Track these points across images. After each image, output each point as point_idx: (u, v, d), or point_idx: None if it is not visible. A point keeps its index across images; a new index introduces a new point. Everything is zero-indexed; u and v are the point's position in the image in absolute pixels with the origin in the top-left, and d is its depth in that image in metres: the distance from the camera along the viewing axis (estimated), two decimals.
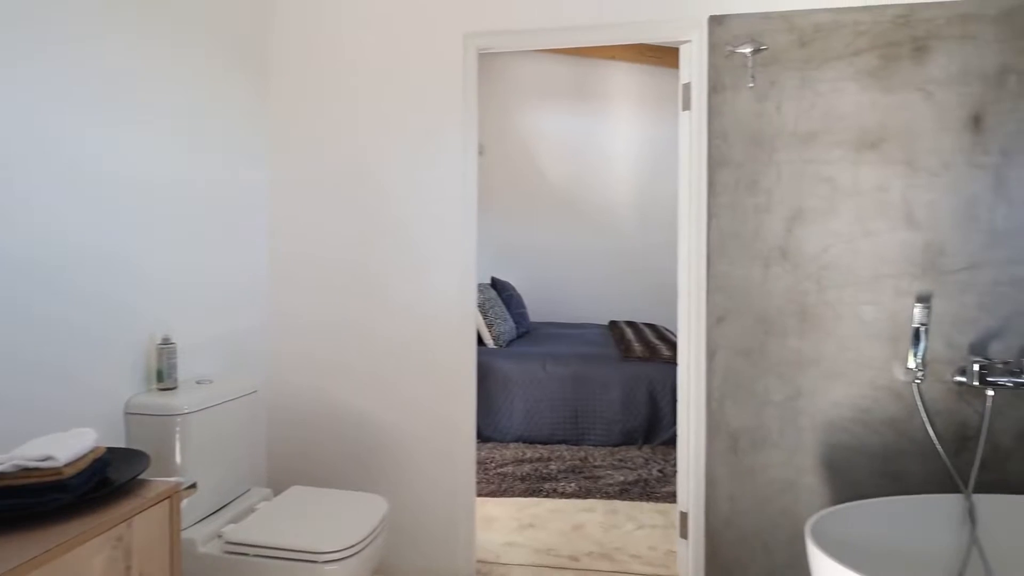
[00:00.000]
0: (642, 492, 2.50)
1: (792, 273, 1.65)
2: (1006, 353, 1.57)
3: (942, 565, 1.47)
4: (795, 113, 1.65)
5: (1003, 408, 1.57)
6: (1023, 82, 1.57)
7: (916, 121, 1.60)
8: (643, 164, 5.37)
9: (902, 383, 1.60)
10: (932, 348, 1.58)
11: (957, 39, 1.59)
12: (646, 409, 3.07)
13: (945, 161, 1.59)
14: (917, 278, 1.60)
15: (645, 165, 5.34)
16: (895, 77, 1.61)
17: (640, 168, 5.39)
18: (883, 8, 1.62)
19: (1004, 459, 1.58)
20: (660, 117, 5.14)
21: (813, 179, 1.64)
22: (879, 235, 1.61)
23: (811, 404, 1.64)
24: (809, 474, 1.65)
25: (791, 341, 1.65)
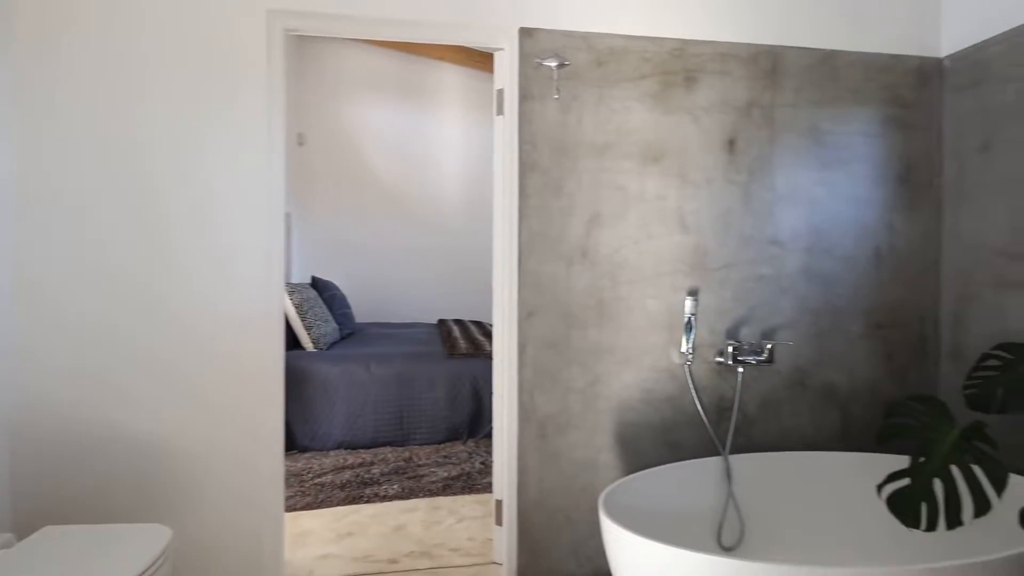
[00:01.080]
0: (464, 485, 2.55)
1: (591, 271, 1.81)
2: (751, 336, 1.91)
3: (709, 517, 1.73)
4: (593, 126, 1.82)
5: (750, 383, 1.91)
6: (764, 114, 1.92)
7: (687, 141, 1.87)
8: (470, 165, 5.51)
9: (677, 365, 1.86)
10: (699, 334, 1.86)
11: (718, 74, 1.89)
12: (470, 404, 3.15)
13: (708, 176, 1.88)
14: (688, 275, 1.86)
15: (472, 166, 5.49)
16: (672, 101, 1.86)
17: (468, 168, 5.52)
18: (663, 40, 1.86)
19: (751, 425, 1.91)
20: (486, 120, 5.31)
21: (608, 186, 1.83)
22: (660, 238, 1.85)
23: (607, 388, 1.82)
24: (606, 451, 1.82)
25: (591, 332, 1.81)
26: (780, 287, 1.93)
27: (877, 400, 2.00)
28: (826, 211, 1.96)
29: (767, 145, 1.92)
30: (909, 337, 2.03)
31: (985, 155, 1.89)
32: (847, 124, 1.97)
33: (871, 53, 1.98)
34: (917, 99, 2.02)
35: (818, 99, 1.95)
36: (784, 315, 1.93)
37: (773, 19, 1.92)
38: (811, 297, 1.95)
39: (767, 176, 1.92)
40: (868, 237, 1.99)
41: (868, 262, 2.00)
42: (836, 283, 1.97)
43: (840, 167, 1.97)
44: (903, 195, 2.02)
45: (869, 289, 2.00)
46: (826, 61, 1.95)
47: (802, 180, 1.94)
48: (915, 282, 2.03)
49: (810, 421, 1.96)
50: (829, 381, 1.97)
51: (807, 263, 1.95)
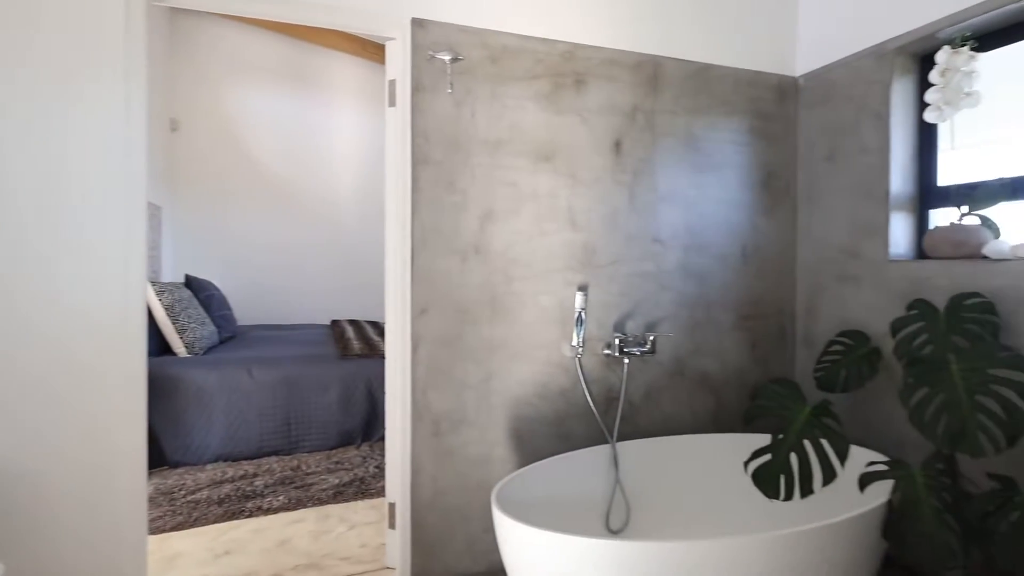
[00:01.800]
0: (358, 491, 2.45)
1: (485, 266, 1.82)
2: (636, 329, 2.01)
3: (598, 503, 1.81)
4: (487, 122, 1.83)
5: (635, 373, 2.01)
6: (647, 119, 2.03)
7: (577, 141, 1.93)
8: (366, 157, 5.33)
9: (568, 359, 1.91)
10: (589, 328, 1.93)
11: (605, 79, 1.97)
12: (365, 407, 3.04)
13: (597, 176, 1.95)
14: (578, 271, 1.93)
15: (368, 159, 5.31)
16: (562, 102, 1.91)
17: (363, 161, 5.33)
18: (555, 43, 1.90)
19: (636, 412, 2.02)
20: (380, 112, 5.16)
21: (501, 183, 1.84)
22: (551, 235, 1.89)
23: (501, 384, 1.84)
24: (500, 446, 1.84)
25: (484, 329, 1.81)
26: (661, 283, 2.05)
27: (744, 384, 2.20)
28: (700, 212, 2.12)
29: (649, 148, 2.03)
30: (770, 327, 2.25)
31: (830, 164, 2.14)
32: (719, 132, 2.14)
33: (739, 68, 2.17)
34: (777, 112, 2.24)
35: (694, 108, 2.10)
36: (665, 309, 2.06)
37: (654, 31, 2.04)
38: (688, 292, 2.10)
39: (650, 177, 2.03)
40: (736, 236, 2.18)
41: (736, 259, 2.18)
42: (709, 279, 2.14)
43: (713, 171, 2.14)
44: (765, 199, 2.23)
45: (737, 284, 2.18)
46: (701, 73, 2.11)
47: (680, 182, 2.08)
48: (775, 277, 2.25)
49: (688, 406, 2.11)
50: (704, 369, 2.13)
51: (684, 260, 2.09)
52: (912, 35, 1.84)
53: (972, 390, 1.37)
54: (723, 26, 2.15)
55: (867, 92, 1.99)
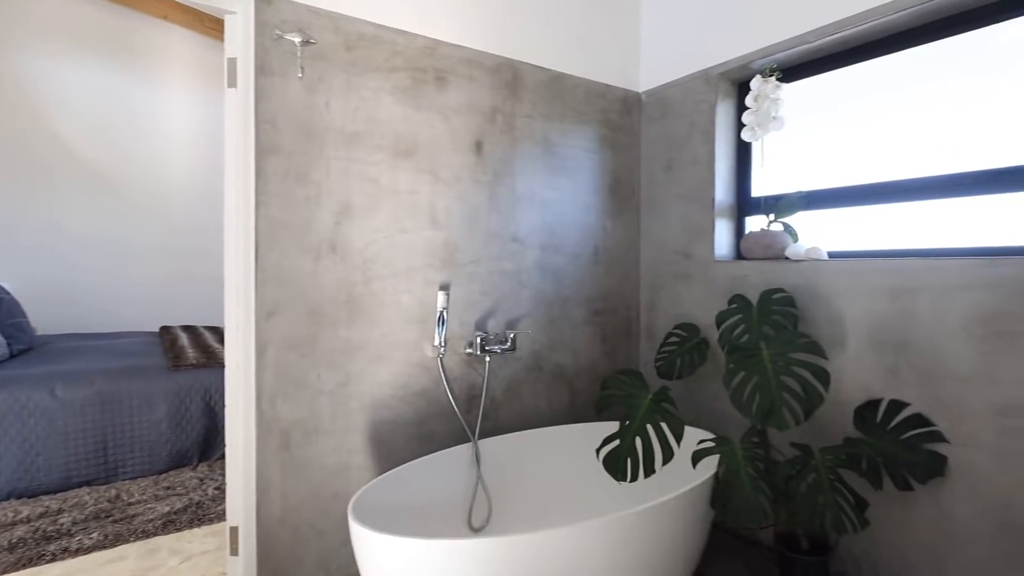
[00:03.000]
0: (193, 518, 2.19)
1: (341, 265, 1.72)
2: (497, 327, 2.05)
3: (461, 502, 1.80)
4: (343, 112, 1.73)
5: (496, 370, 2.05)
6: (507, 122, 2.08)
7: (438, 139, 1.91)
8: (204, 145, 4.79)
9: (430, 358, 1.89)
10: (451, 327, 1.92)
11: (466, 78, 1.98)
12: (203, 422, 2.72)
13: (457, 175, 1.95)
14: (439, 270, 1.91)
15: (208, 148, 4.78)
16: (423, 98, 1.88)
17: (202, 150, 4.79)
18: (414, 36, 1.86)
19: (498, 408, 2.06)
20: (222, 96, 4.70)
21: (359, 177, 1.76)
22: (412, 232, 1.85)
23: (359, 387, 1.75)
24: (359, 453, 1.76)
25: (341, 330, 1.72)
26: (520, 281, 2.11)
27: (596, 375, 2.34)
28: (556, 213, 2.22)
29: (509, 150, 2.08)
30: (618, 321, 2.42)
31: (668, 174, 2.37)
32: (572, 138, 2.26)
33: (591, 80, 2.31)
34: (623, 124, 2.43)
35: (550, 114, 2.19)
36: (524, 306, 2.12)
37: (513, 36, 2.09)
38: (545, 289, 2.18)
39: (509, 178, 2.08)
40: (589, 237, 2.32)
41: (589, 258, 2.32)
42: (564, 276, 2.24)
43: (567, 175, 2.25)
44: (613, 203, 2.40)
45: (589, 281, 2.32)
46: (556, 81, 2.21)
47: (537, 184, 2.16)
48: (622, 275, 2.43)
49: (546, 399, 2.20)
50: (560, 363, 2.24)
51: (541, 259, 2.17)
52: (732, 63, 2.10)
53: (778, 372, 1.60)
54: (576, 39, 2.27)
55: (697, 111, 2.23)
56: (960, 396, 1.52)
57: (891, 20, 1.69)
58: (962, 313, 1.52)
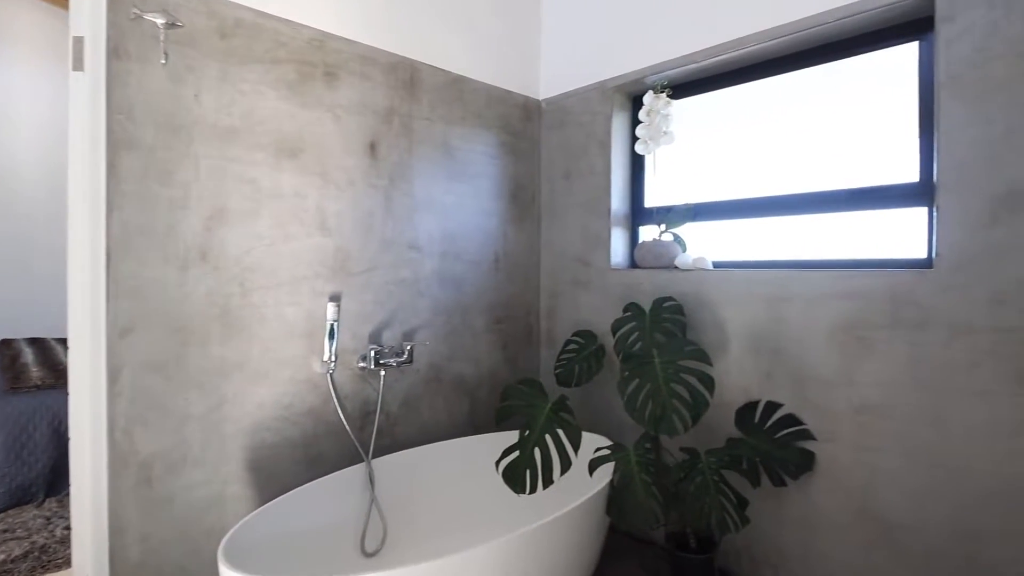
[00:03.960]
0: (36, 565, 1.89)
1: (214, 275, 1.55)
2: (393, 339, 1.96)
3: (353, 526, 1.69)
4: (216, 106, 1.56)
5: (392, 384, 1.95)
6: (404, 123, 1.99)
7: (328, 139, 1.79)
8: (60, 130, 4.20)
9: (319, 375, 1.76)
10: (342, 340, 1.81)
11: (359, 76, 1.86)
12: (49, 452, 2.37)
13: (350, 178, 1.84)
14: (330, 279, 1.79)
15: (60, 133, 4.19)
16: (310, 95, 1.75)
17: (55, 135, 4.20)
18: (301, 27, 1.72)
19: (394, 424, 1.96)
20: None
21: (236, 179, 1.59)
22: (298, 239, 1.71)
23: (236, 410, 1.59)
24: (236, 483, 1.59)
25: (214, 348, 1.55)
26: (418, 289, 2.03)
27: (497, 383, 2.32)
28: (457, 219, 2.16)
29: (406, 153, 1.99)
30: (519, 328, 2.42)
31: (567, 182, 2.39)
32: (472, 143, 2.22)
33: (492, 85, 2.28)
34: (524, 130, 2.42)
35: (450, 117, 2.13)
36: (422, 316, 2.05)
37: (411, 34, 2.00)
38: (444, 298, 2.12)
39: (407, 183, 2.00)
40: (489, 244, 2.29)
41: (490, 266, 2.29)
42: (464, 284, 2.20)
43: (467, 181, 2.20)
44: (514, 209, 2.38)
45: (490, 289, 2.29)
46: (456, 84, 2.15)
47: (437, 189, 2.09)
48: (523, 282, 2.43)
49: (445, 412, 2.13)
50: (460, 373, 2.19)
51: (441, 267, 2.11)
52: (627, 77, 2.16)
53: (668, 379, 1.65)
54: (477, 43, 2.23)
55: (594, 121, 2.27)
56: (825, 397, 1.66)
57: (768, 47, 1.81)
58: (827, 321, 1.65)
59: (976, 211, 1.41)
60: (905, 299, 1.52)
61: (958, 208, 1.43)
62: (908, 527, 1.50)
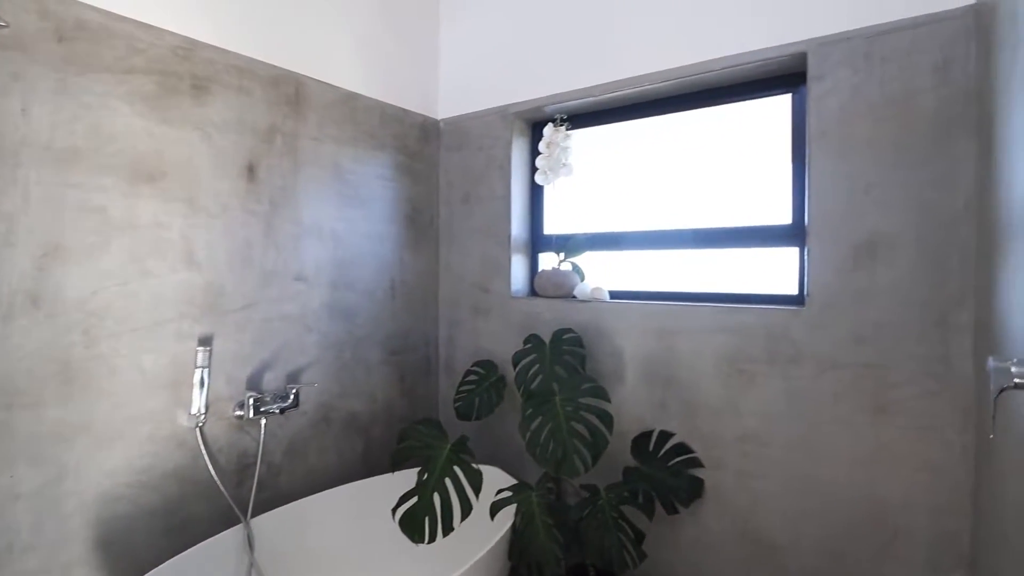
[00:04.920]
0: None
1: (49, 324, 1.31)
2: (276, 381, 1.78)
3: None
4: (52, 122, 1.32)
5: (275, 430, 1.78)
6: (288, 143, 1.82)
7: (196, 160, 1.58)
8: None
9: (186, 429, 1.55)
10: (214, 387, 1.61)
11: (235, 89, 1.67)
12: None
13: (223, 204, 1.65)
14: (199, 320, 1.58)
15: None
16: (175, 110, 1.54)
17: None
18: (162, 32, 1.51)
19: (277, 474, 1.79)
20: None
21: (78, 208, 1.36)
22: (159, 276, 1.50)
23: (80, 481, 1.36)
24: (81, 567, 1.36)
25: (50, 410, 1.31)
26: (305, 324, 1.87)
27: (393, 418, 2.21)
28: (349, 246, 2.02)
29: (291, 176, 1.83)
30: (417, 358, 2.32)
31: (466, 206, 2.33)
32: (366, 164, 2.09)
33: (387, 103, 2.16)
34: (421, 151, 2.32)
35: (340, 137, 1.99)
36: (310, 353, 1.89)
37: (296, 46, 1.84)
38: (335, 332, 1.98)
39: (291, 208, 1.83)
40: (385, 271, 2.17)
41: (385, 294, 2.17)
42: (358, 315, 2.06)
43: (360, 204, 2.07)
44: (411, 234, 2.28)
45: (386, 319, 2.17)
46: (348, 102, 2.01)
47: (326, 215, 1.94)
48: (421, 310, 2.33)
49: (336, 454, 1.99)
50: (352, 410, 2.05)
51: (331, 298, 1.96)
52: (527, 105, 2.14)
53: (569, 417, 1.65)
54: (371, 58, 2.10)
55: (495, 146, 2.23)
56: (713, 425, 1.74)
57: (662, 86, 1.87)
58: (713, 353, 1.73)
59: (841, 257, 1.54)
60: (780, 336, 1.62)
61: (826, 252, 1.55)
62: (785, 548, 1.61)
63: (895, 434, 1.47)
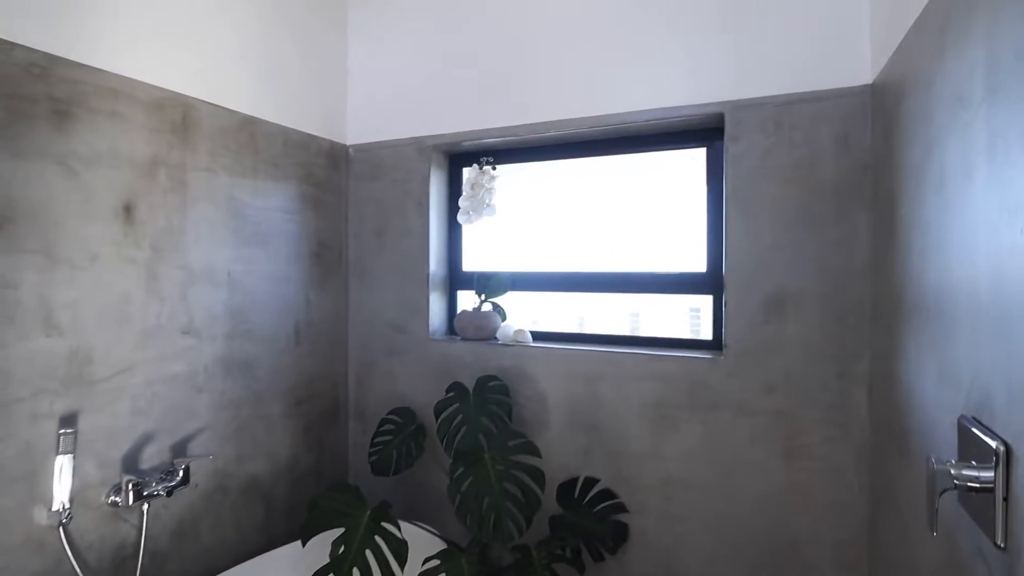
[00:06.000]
0: None
1: None
2: (160, 455, 1.53)
3: None
4: None
5: (160, 512, 1.53)
6: (174, 177, 1.57)
7: (56, 201, 1.31)
8: None
9: (45, 528, 1.28)
10: (82, 473, 1.34)
11: (106, 115, 1.41)
12: None
13: (92, 253, 1.38)
14: (61, 395, 1.31)
15: None
16: (28, 140, 1.26)
17: None
18: (11, 46, 1.23)
19: (163, 563, 1.54)
20: None
21: None
22: (7, 346, 1.22)
23: None
24: None
25: None
26: (196, 385, 1.63)
27: (298, 478, 2.00)
28: (247, 290, 1.80)
29: (177, 214, 1.58)
30: (325, 406, 2.13)
31: (380, 240, 2.18)
32: (267, 197, 1.87)
33: (291, 128, 1.96)
34: (329, 180, 2.14)
35: (237, 167, 1.76)
36: (202, 417, 1.65)
37: (183, 63, 1.60)
38: (231, 389, 1.75)
39: (178, 252, 1.58)
40: (288, 314, 1.96)
41: (289, 340, 1.96)
42: (258, 367, 1.84)
43: (260, 242, 1.85)
44: (318, 271, 2.09)
45: (290, 367, 1.97)
46: (246, 127, 1.79)
47: (221, 257, 1.71)
48: (329, 353, 2.15)
49: (234, 527, 1.75)
50: (252, 473, 1.83)
51: (227, 351, 1.73)
52: (445, 138, 2.05)
53: (500, 478, 1.58)
54: (272, 77, 1.89)
55: (411, 178, 2.11)
56: (637, 470, 1.76)
57: (586, 132, 1.87)
58: (638, 400, 1.76)
59: (753, 309, 1.62)
60: (701, 384, 1.68)
61: (741, 304, 1.63)
62: None
63: (803, 475, 1.57)
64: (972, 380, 0.84)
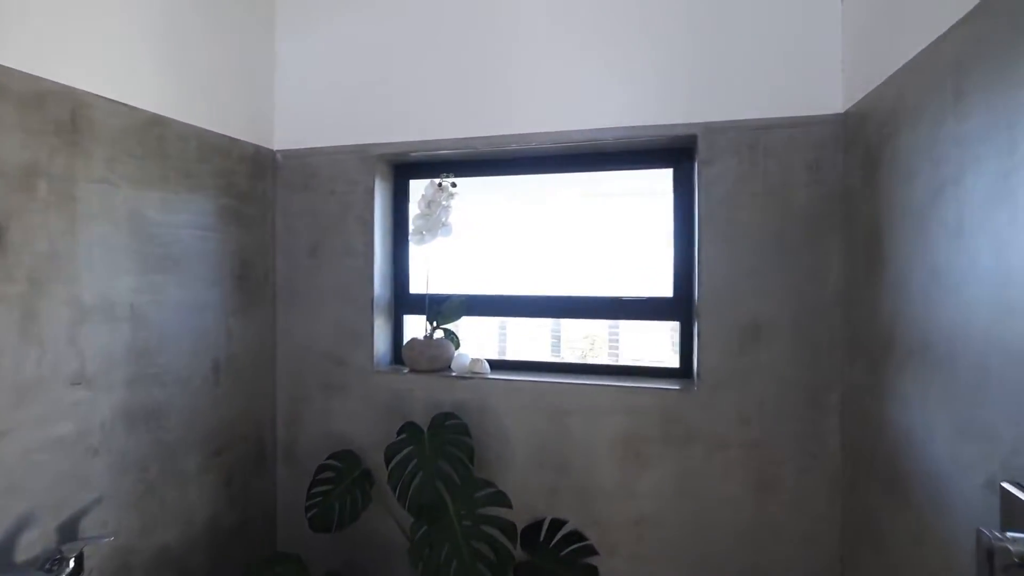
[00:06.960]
0: None
1: None
2: (42, 541, 1.21)
3: None
4: None
5: None
6: (60, 191, 1.25)
7: None
8: None
9: None
10: None
11: None
12: None
13: None
14: None
15: None
16: None
17: None
18: None
19: None
20: None
21: None
22: None
23: None
24: None
25: None
26: (89, 446, 1.31)
27: (218, 540, 1.70)
28: (154, 324, 1.49)
29: (64, 237, 1.26)
30: (248, 453, 1.84)
31: (315, 259, 1.93)
32: (179, 212, 1.57)
33: (207, 130, 1.66)
34: (253, 190, 1.86)
35: (141, 176, 1.46)
36: (96, 486, 1.33)
37: (72, 50, 1.28)
38: (135, 446, 1.43)
39: (65, 284, 1.26)
40: (206, 349, 1.67)
41: (206, 380, 1.67)
42: (168, 415, 1.54)
43: (171, 266, 1.55)
44: (240, 295, 1.80)
45: (207, 411, 1.67)
46: (152, 128, 1.48)
47: (120, 285, 1.40)
48: (253, 389, 1.86)
49: None
50: (162, 544, 1.52)
51: (129, 401, 1.42)
52: (392, 147, 1.84)
53: (468, 535, 1.41)
54: (185, 70, 1.59)
55: (352, 190, 1.88)
56: (607, 510, 1.65)
57: (551, 147, 1.74)
58: (609, 435, 1.65)
59: (727, 338, 1.56)
60: (673, 417, 1.60)
61: (714, 334, 1.57)
62: None
63: (776, 508, 1.53)
64: (1016, 441, 0.80)
